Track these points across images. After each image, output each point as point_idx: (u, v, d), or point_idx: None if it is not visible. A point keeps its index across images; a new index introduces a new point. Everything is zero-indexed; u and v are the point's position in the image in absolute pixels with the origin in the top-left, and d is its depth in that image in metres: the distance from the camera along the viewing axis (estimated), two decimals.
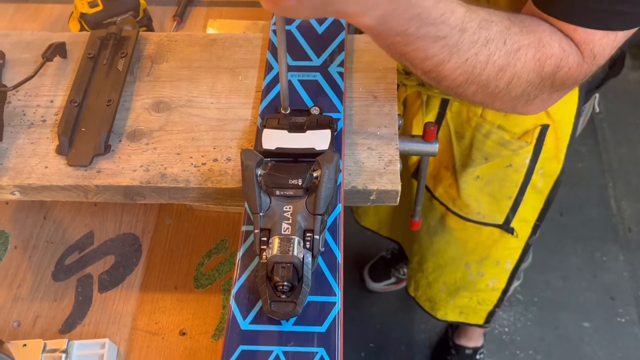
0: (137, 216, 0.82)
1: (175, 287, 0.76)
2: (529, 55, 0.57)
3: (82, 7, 0.90)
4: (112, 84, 0.68)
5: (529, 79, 0.58)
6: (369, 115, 0.67)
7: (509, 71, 0.57)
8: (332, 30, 0.72)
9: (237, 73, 0.71)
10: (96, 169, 0.63)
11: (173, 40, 0.74)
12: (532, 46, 0.57)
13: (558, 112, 0.87)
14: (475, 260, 1.12)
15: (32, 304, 0.75)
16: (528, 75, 0.57)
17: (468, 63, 0.55)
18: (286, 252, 0.51)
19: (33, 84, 0.70)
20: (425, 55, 0.54)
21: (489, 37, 0.55)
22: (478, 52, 0.54)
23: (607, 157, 1.95)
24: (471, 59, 0.55)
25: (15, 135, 0.66)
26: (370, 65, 0.71)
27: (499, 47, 0.55)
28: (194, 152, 0.64)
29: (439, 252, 1.17)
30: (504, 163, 0.94)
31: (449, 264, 1.17)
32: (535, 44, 0.57)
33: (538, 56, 0.57)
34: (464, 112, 0.91)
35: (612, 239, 1.79)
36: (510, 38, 0.56)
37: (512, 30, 0.56)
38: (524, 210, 1.00)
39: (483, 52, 0.55)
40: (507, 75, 0.57)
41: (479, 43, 0.54)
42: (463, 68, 0.55)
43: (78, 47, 0.73)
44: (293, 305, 0.51)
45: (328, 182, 0.53)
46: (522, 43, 0.56)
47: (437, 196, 1.05)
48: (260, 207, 0.54)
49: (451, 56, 0.54)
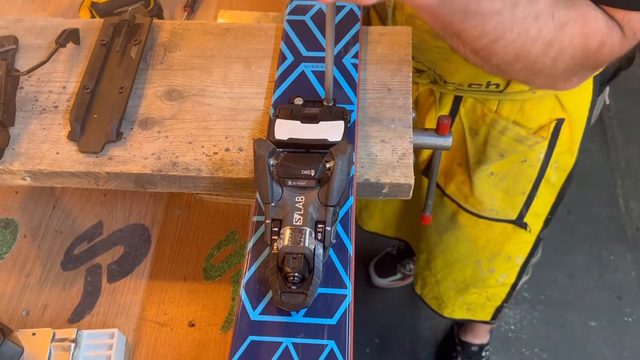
0: (146, 206, 0.82)
1: (184, 278, 0.75)
2: (576, 30, 0.56)
3: None
4: (125, 71, 0.68)
5: (573, 55, 0.57)
6: (382, 107, 0.66)
7: (556, 46, 0.56)
8: (347, 22, 0.71)
9: (250, 63, 0.70)
10: (107, 156, 0.63)
11: (186, 28, 0.74)
12: (578, 21, 0.56)
13: (573, 106, 0.86)
14: (487, 256, 1.11)
15: (41, 293, 0.74)
16: (574, 51, 0.56)
17: (520, 38, 0.54)
18: (297, 243, 0.51)
19: (46, 69, 0.69)
20: (480, 33, 0.54)
21: (539, 12, 0.54)
22: (529, 27, 0.54)
23: (616, 156, 1.93)
24: (522, 34, 0.54)
25: (27, 121, 0.66)
26: (385, 57, 0.70)
27: (547, 22, 0.54)
28: (206, 141, 0.64)
29: (448, 250, 1.16)
30: (519, 159, 0.93)
31: (458, 261, 1.17)
32: (582, 18, 0.56)
33: (584, 31, 0.56)
34: (478, 109, 0.90)
35: (620, 238, 1.78)
36: (557, 12, 0.55)
37: (559, 4, 0.55)
38: (537, 205, 0.99)
39: (533, 26, 0.54)
40: (554, 50, 0.56)
41: (530, 18, 0.53)
42: (514, 44, 0.55)
43: (91, 33, 0.73)
44: (303, 297, 0.50)
45: (341, 173, 0.53)
46: (568, 17, 0.55)
47: (449, 193, 1.04)
48: (272, 197, 0.53)
49: (504, 32, 0.53)
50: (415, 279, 1.37)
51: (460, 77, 0.83)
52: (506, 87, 0.83)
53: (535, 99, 0.85)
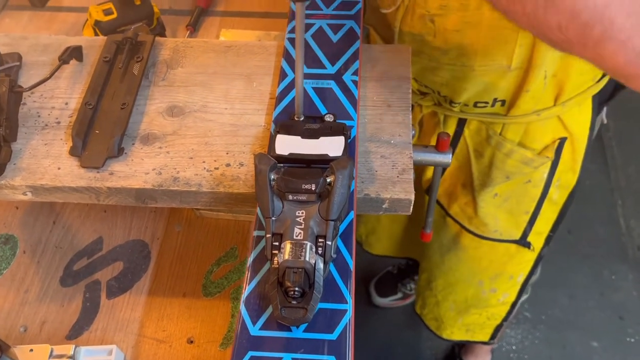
0: (146, 223, 0.82)
1: (183, 295, 0.75)
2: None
3: (96, 15, 0.91)
4: (127, 88, 0.68)
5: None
6: (382, 123, 0.67)
7: None
8: (347, 39, 0.72)
9: (251, 80, 0.71)
10: (108, 171, 0.63)
11: (189, 46, 0.74)
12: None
13: (574, 125, 0.87)
14: (489, 277, 1.11)
15: (39, 309, 0.74)
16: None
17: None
18: (298, 257, 0.51)
19: (48, 86, 0.70)
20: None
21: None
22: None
23: (616, 176, 1.94)
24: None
25: (29, 136, 0.66)
26: (385, 74, 0.71)
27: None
28: (207, 156, 0.64)
29: (450, 271, 1.15)
30: (524, 179, 0.94)
31: (460, 282, 1.16)
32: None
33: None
34: (483, 130, 0.90)
35: (621, 258, 1.77)
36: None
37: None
38: (539, 223, 0.99)
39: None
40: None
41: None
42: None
43: (94, 51, 0.73)
44: (304, 312, 0.50)
45: (341, 187, 0.53)
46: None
47: (452, 214, 1.04)
48: (272, 212, 0.53)
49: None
50: (416, 298, 1.36)
51: (467, 95, 0.83)
52: (511, 107, 0.83)
53: (539, 121, 0.86)
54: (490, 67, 0.77)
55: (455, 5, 0.71)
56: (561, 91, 0.81)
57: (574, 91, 0.82)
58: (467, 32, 0.74)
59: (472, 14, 0.71)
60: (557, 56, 0.75)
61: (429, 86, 0.86)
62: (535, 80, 0.77)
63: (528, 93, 0.80)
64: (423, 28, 0.76)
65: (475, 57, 0.76)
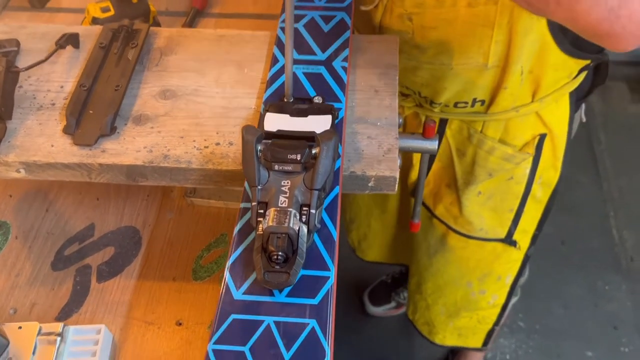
0: (138, 210, 0.83)
1: (173, 279, 0.76)
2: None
3: (94, 12, 0.93)
4: (122, 72, 0.70)
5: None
6: (370, 107, 0.68)
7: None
8: (338, 29, 0.74)
9: (243, 66, 0.73)
10: (101, 149, 0.64)
11: (183, 35, 0.77)
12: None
13: (553, 121, 0.89)
14: (477, 277, 1.11)
15: (29, 292, 0.75)
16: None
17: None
18: (282, 223, 0.52)
19: (45, 70, 0.72)
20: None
21: None
22: None
23: (608, 187, 1.95)
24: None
25: (25, 117, 0.67)
26: (373, 62, 0.73)
27: None
28: (197, 136, 0.66)
29: (438, 272, 1.16)
30: (506, 176, 0.95)
31: (449, 284, 1.16)
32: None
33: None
34: (464, 130, 0.92)
35: (614, 269, 1.77)
36: None
37: None
38: (524, 221, 1.00)
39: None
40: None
41: None
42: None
43: (91, 39, 0.75)
44: (286, 276, 0.51)
45: (326, 158, 0.54)
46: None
47: (438, 215, 1.05)
48: (258, 181, 0.54)
49: None
50: (408, 303, 1.36)
51: (447, 95, 0.85)
52: (490, 104, 0.85)
53: (518, 117, 0.88)
54: (467, 65, 0.79)
55: (431, 3, 0.73)
56: (538, 87, 0.83)
57: (551, 87, 0.84)
58: (444, 29, 0.76)
59: (447, 11, 0.73)
60: (532, 51, 0.77)
61: (410, 87, 0.88)
62: (512, 77, 0.79)
63: (506, 90, 0.81)
64: (402, 26, 0.78)
65: (453, 55, 0.78)
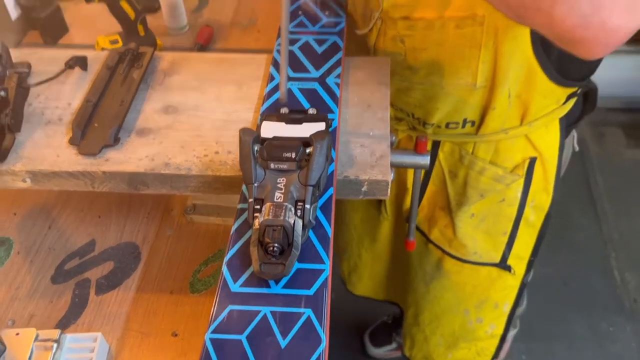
0: (138, 227, 0.84)
1: (171, 292, 0.77)
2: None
3: (103, 44, 0.99)
4: (127, 89, 0.74)
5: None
6: (363, 119, 0.71)
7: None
8: (331, 51, 0.78)
9: (242, 84, 0.77)
10: (104, 158, 0.67)
11: (185, 58, 0.81)
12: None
13: (543, 145, 0.91)
14: (474, 304, 1.11)
15: (28, 304, 0.75)
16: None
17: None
18: (277, 216, 0.53)
19: (53, 89, 0.76)
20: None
21: None
22: None
23: (608, 229, 1.96)
24: None
25: (33, 130, 0.71)
26: (365, 80, 0.77)
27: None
28: (197, 146, 0.68)
29: (435, 300, 1.16)
30: (498, 198, 0.97)
31: (446, 312, 1.16)
32: None
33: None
34: (456, 152, 0.95)
35: (617, 310, 1.75)
36: None
37: None
38: (518, 246, 1.01)
39: None
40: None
41: None
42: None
43: (98, 62, 0.80)
44: (282, 267, 0.52)
45: (319, 155, 0.57)
46: None
47: (433, 239, 1.06)
48: (255, 178, 0.57)
49: None
50: (404, 339, 1.34)
51: (439, 116, 0.89)
52: (480, 125, 0.88)
53: (508, 139, 0.91)
54: (457, 85, 0.83)
55: (422, 25, 0.78)
56: (526, 111, 0.86)
57: (539, 112, 0.87)
58: (434, 50, 0.80)
59: (436, 33, 0.78)
60: (519, 76, 0.81)
61: (404, 109, 0.91)
62: (499, 98, 0.83)
63: (495, 111, 0.85)
64: (395, 48, 0.82)
65: (443, 75, 0.82)
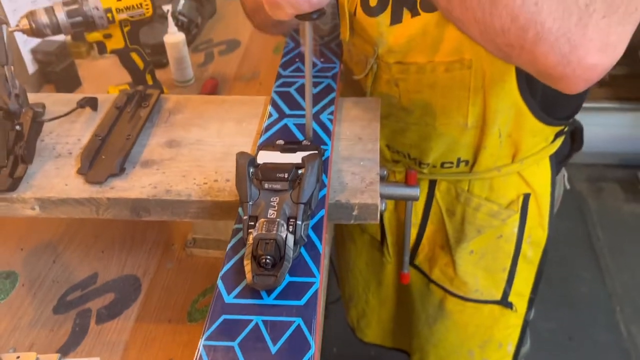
0: (139, 261, 0.87)
1: (169, 321, 0.78)
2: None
3: (113, 92, 1.05)
4: (133, 126, 0.79)
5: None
6: (354, 151, 0.76)
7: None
8: (325, 92, 0.84)
9: (242, 121, 0.82)
10: (110, 186, 0.71)
11: (190, 100, 0.87)
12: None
13: (535, 181, 0.95)
14: (478, 344, 1.11)
15: (29, 333, 0.77)
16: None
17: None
18: (270, 231, 0.57)
19: (65, 127, 0.81)
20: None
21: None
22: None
23: (611, 283, 1.95)
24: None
25: (43, 163, 0.75)
26: (357, 117, 0.82)
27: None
28: (198, 175, 0.72)
29: (439, 342, 1.16)
30: (495, 234, 0.99)
31: (451, 355, 1.15)
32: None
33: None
34: (452, 190, 0.98)
35: None
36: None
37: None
38: (518, 283, 1.02)
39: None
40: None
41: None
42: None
43: (108, 103, 0.85)
44: (274, 278, 0.55)
45: (311, 175, 0.60)
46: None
47: (434, 279, 1.08)
48: (250, 197, 0.60)
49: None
50: None
51: (434, 155, 0.93)
52: (474, 164, 0.93)
53: (501, 177, 0.94)
54: (449, 125, 0.87)
55: (414, 69, 0.84)
56: (517, 150, 0.91)
57: (530, 150, 0.92)
58: (426, 92, 0.85)
59: (428, 76, 0.83)
60: (509, 116, 0.85)
61: (400, 150, 0.96)
62: (490, 138, 0.87)
63: (486, 150, 0.89)
64: (390, 91, 0.88)
65: (436, 116, 0.87)
